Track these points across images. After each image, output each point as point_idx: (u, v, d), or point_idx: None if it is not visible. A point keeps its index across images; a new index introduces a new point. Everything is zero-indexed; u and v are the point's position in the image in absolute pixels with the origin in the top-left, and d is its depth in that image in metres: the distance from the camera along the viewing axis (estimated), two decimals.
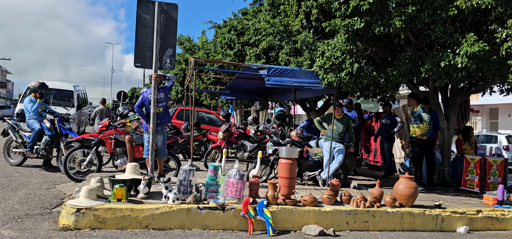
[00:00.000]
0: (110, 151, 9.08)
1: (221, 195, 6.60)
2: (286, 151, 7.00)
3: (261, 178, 9.80)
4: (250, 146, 12.39)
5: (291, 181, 6.93)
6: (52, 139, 9.87)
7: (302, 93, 11.60)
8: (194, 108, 9.62)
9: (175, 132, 13.93)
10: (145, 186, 6.46)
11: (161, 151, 7.96)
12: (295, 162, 7.01)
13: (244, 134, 12.62)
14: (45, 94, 15.77)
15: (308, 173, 9.69)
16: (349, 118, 9.61)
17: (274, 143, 9.64)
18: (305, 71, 9.09)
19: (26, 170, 9.92)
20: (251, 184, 6.72)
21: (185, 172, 6.59)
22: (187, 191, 6.57)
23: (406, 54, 8.51)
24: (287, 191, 6.91)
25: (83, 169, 9.00)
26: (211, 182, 6.75)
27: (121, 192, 6.16)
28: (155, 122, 7.62)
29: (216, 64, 16.41)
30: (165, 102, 7.81)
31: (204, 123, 16.40)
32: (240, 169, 6.63)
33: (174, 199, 6.23)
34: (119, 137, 9.04)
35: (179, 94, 27.45)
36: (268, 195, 6.65)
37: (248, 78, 13.20)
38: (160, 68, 7.74)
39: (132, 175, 6.64)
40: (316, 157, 9.67)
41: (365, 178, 11.28)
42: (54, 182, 8.84)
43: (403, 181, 7.21)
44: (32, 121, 9.95)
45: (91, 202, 5.94)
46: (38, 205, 6.87)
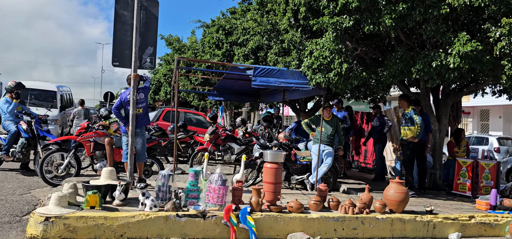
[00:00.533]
0: (89, 154, 8.70)
1: (202, 201, 6.26)
2: (271, 154, 6.67)
3: (248, 181, 9.48)
4: (238, 148, 12.05)
5: (276, 186, 6.60)
6: (29, 141, 9.46)
7: (290, 94, 11.29)
8: (177, 109, 9.27)
9: (161, 134, 13.56)
10: (121, 192, 6.10)
11: (141, 154, 7.60)
12: (280, 166, 6.69)
13: (232, 136, 12.28)
14: (21, 95, 15.47)
15: (296, 177, 9.37)
16: (339, 120, 9.30)
17: (260, 145, 9.31)
18: (293, 72, 8.77)
19: (1, 174, 9.50)
20: (234, 189, 6.38)
21: (164, 177, 6.24)
22: (166, 197, 6.22)
23: (396, 54, 8.21)
24: (272, 197, 6.58)
25: (61, 173, 8.62)
26: (191, 187, 6.41)
27: (94, 199, 5.79)
28: (134, 124, 7.25)
29: (204, 65, 16.06)
30: (144, 103, 7.45)
31: (192, 125, 16.03)
32: (222, 174, 6.29)
33: (151, 206, 5.87)
34: (98, 139, 8.66)
35: (168, 96, 27.01)
36: (252, 202, 6.32)
37: (236, 79, 12.86)
38: (140, 67, 7.38)
39: (108, 180, 6.28)
40: (305, 160, 9.35)
41: (355, 181, 10.98)
42: (30, 187, 8.44)
43: (393, 185, 6.91)
44: (8, 122, 9.54)
45: (61, 210, 5.57)
46: (7, 212, 6.48)
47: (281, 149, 9.25)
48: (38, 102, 15.22)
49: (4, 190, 8.04)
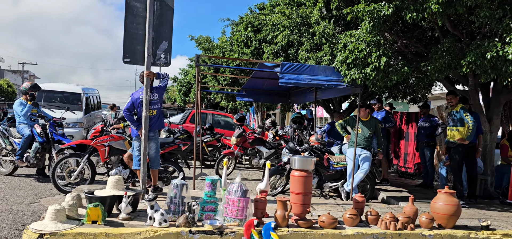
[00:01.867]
0: (103, 159, 8.07)
1: (220, 214, 5.47)
2: (299, 161, 5.81)
3: (276, 189, 8.65)
4: (267, 152, 11.24)
5: (305, 197, 5.73)
6: (43, 145, 8.92)
7: (323, 93, 10.37)
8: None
9: (187, 137, 12.91)
10: (127, 205, 5.37)
11: (154, 161, 6.89)
12: (310, 175, 5.82)
13: (260, 138, 11.47)
14: (47, 97, 15.17)
15: (329, 184, 8.47)
16: (377, 121, 8.34)
17: (289, 149, 8.46)
18: (325, 68, 7.87)
19: (15, 181, 9.01)
20: (257, 201, 5.56)
21: (176, 187, 5.49)
22: (178, 210, 5.47)
23: (443, 45, 7.21)
24: (301, 209, 5.72)
25: (74, 180, 8.02)
26: (208, 199, 5.63)
27: (96, 213, 5.09)
28: (147, 127, 6.55)
29: (233, 63, 15.24)
30: (159, 104, 6.73)
31: (220, 127, 15.33)
32: (243, 184, 5.49)
33: (161, 220, 5.13)
34: (114, 143, 8.02)
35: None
36: (277, 215, 5.48)
37: (265, 78, 12.04)
38: (154, 64, 6.68)
39: (114, 191, 5.58)
40: (339, 165, 8.43)
41: (395, 188, 9.97)
42: (41, 195, 7.88)
43: (442, 196, 5.92)
44: (22, 125, 9.04)
45: (58, 225, 4.89)
46: (7, 225, 5.88)
47: (312, 153, 8.38)
48: (63, 105, 14.85)
49: (13, 198, 7.51)
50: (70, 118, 14.11)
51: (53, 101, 14.86)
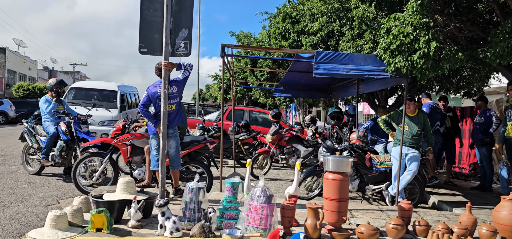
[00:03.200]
0: (126, 159, 7.56)
1: (241, 222, 4.77)
2: (333, 161, 5.01)
3: (313, 192, 7.87)
4: (304, 151, 10.46)
5: (340, 204, 4.94)
6: (68, 144, 8.53)
7: (366, 86, 9.44)
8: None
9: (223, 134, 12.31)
10: (136, 210, 4.77)
11: (174, 161, 6.28)
12: (346, 178, 5.01)
13: (297, 136, 10.70)
14: (84, 95, 14.99)
15: (372, 187, 7.59)
16: (426, 116, 7.38)
17: (326, 148, 7.65)
18: (366, 56, 7.00)
19: (41, 180, 8.68)
20: (283, 208, 4.82)
21: (191, 190, 4.84)
22: (194, 217, 4.81)
23: (505, 27, 6.19)
24: (336, 218, 4.94)
25: (96, 181, 7.56)
26: (228, 204, 4.95)
27: (101, 220, 4.52)
28: (166, 124, 5.94)
29: (268, 53, 14.44)
30: (178, 98, 6.11)
31: (257, 124, 14.64)
32: (267, 188, 4.76)
33: (172, 229, 4.49)
34: (136, 142, 7.49)
35: (238, 94, 25.91)
36: (307, 225, 4.73)
37: (303, 72, 11.24)
38: (173, 54, 6.05)
39: (123, 194, 4.99)
40: (383, 166, 7.54)
41: (448, 192, 8.93)
42: (62, 196, 7.46)
43: (508, 205, 4.96)
44: (48, 123, 8.70)
45: (57, 233, 4.35)
46: (16, 230, 5.42)
47: (352, 152, 7.53)
48: (98, 103, 14.64)
49: (33, 199, 7.11)
50: (104, 116, 13.85)
51: (89, 99, 14.68)
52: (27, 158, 9.29)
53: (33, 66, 57.53)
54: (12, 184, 8.20)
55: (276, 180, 10.52)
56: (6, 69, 48.33)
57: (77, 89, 15.25)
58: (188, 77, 6.24)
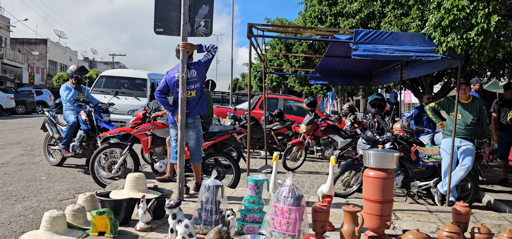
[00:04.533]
0: (146, 150, 7.01)
1: (265, 227, 4.08)
2: (376, 156, 4.24)
3: (351, 188, 7.10)
4: (342, 142, 9.65)
5: (384, 206, 4.17)
6: (89, 133, 8.06)
7: (411, 71, 8.52)
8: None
9: (254, 124, 11.68)
10: (145, 211, 4.16)
11: (194, 154, 5.64)
12: (391, 175, 4.23)
13: (334, 126, 9.89)
14: (113, 84, 14.61)
15: (418, 183, 6.74)
16: (482, 103, 6.45)
17: (366, 139, 6.84)
18: (412, 35, 6.14)
19: (61, 172, 8.28)
20: (316, 211, 4.09)
21: (208, 189, 4.18)
22: (210, 220, 4.16)
23: None
24: (378, 222, 4.17)
25: (115, 173, 7.05)
26: (250, 206, 4.27)
27: (103, 222, 3.93)
28: (184, 112, 5.31)
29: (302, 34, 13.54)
30: (199, 83, 5.46)
31: (292, 113, 13.88)
32: (296, 188, 4.04)
33: (185, 234, 3.85)
34: (157, 132, 6.92)
35: (274, 82, 25.10)
36: (343, 231, 3.98)
37: (341, 57, 10.40)
38: (192, 34, 5.41)
39: (132, 192, 4.39)
40: (431, 160, 6.67)
41: (505, 188, 7.94)
42: (79, 190, 6.99)
43: None
44: (68, 112, 8.25)
45: (53, 237, 3.79)
46: (19, 229, 4.94)
47: (395, 144, 6.70)
48: (128, 91, 14.24)
49: (48, 192, 6.67)
50: (134, 104, 13.43)
51: (119, 87, 14.30)
52: (48, 148, 8.91)
53: (74, 56, 58.60)
54: (31, 175, 7.82)
55: (311, 173, 9.77)
56: (47, 59, 49.39)
57: (107, 78, 14.93)
58: (210, 61, 5.56)
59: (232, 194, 6.09)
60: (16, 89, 31.46)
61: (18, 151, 10.68)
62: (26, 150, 10.90)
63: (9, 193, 6.48)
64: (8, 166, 8.60)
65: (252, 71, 28.45)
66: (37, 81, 46.03)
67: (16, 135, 14.18)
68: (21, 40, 48.15)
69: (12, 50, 41.33)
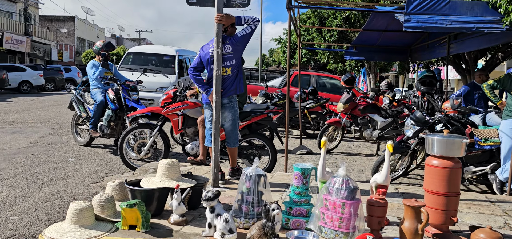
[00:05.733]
0: (177, 131, 6.60)
1: (314, 222, 3.61)
2: (441, 143, 3.69)
3: (396, 172, 6.56)
4: (382, 121, 9.05)
5: (450, 200, 3.64)
6: (117, 113, 7.71)
7: (460, 45, 7.84)
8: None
9: (285, 103, 11.15)
10: (180, 203, 3.74)
11: (230, 137, 5.19)
12: (458, 165, 3.68)
13: (373, 105, 9.29)
14: (142, 61, 14.25)
15: (472, 169, 6.14)
16: None
17: (416, 120, 6.25)
18: (473, 4, 5.49)
19: (89, 153, 7.98)
20: (371, 205, 3.59)
21: (249, 178, 3.72)
22: (252, 213, 3.71)
23: None
24: (442, 218, 3.65)
25: (145, 156, 6.68)
26: (296, 197, 3.79)
27: (134, 215, 3.53)
28: (219, 91, 4.84)
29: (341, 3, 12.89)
30: (235, 60, 4.97)
31: (326, 91, 13.29)
32: (350, 179, 3.54)
33: (224, 230, 3.42)
34: (189, 112, 6.50)
35: (303, 58, 24.33)
36: (404, 228, 3.48)
37: (381, 31, 9.77)
38: (227, 4, 4.91)
39: (165, 181, 3.96)
40: (487, 143, 6.04)
41: None
42: (108, 172, 6.66)
43: None
44: (95, 90, 7.91)
45: (79, 231, 3.41)
46: (45, 217, 4.61)
47: (448, 126, 6.10)
48: (155, 68, 13.88)
49: (76, 175, 6.36)
50: (162, 82, 13.10)
51: (147, 64, 13.95)
52: (76, 128, 8.63)
53: (101, 33, 58.84)
54: (59, 156, 7.54)
55: (348, 154, 9.26)
56: (75, 37, 49.67)
57: (135, 54, 14.59)
58: (250, 36, 5.04)
59: (270, 179, 5.63)
60: (45, 66, 31.63)
61: (46, 129, 10.48)
62: (54, 128, 10.69)
63: (36, 176, 6.19)
64: (36, 145, 8.36)
65: (281, 47, 27.75)
66: (65, 58, 46.40)
67: (45, 113, 14.05)
68: (50, 17, 48.46)
69: (41, 28, 41.60)
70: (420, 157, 6.79)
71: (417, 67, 15.39)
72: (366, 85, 19.53)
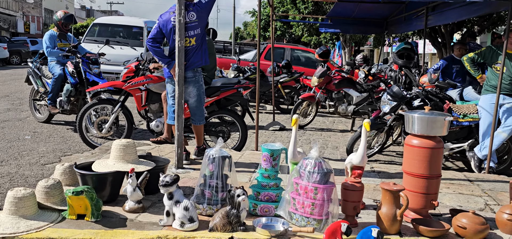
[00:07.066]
0: (140, 107, 6.16)
1: (283, 208, 3.28)
2: (422, 121, 3.38)
3: (371, 149, 6.31)
4: (357, 96, 8.78)
5: (430, 183, 3.36)
6: (77, 87, 7.20)
7: (439, 17, 7.55)
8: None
9: (260, 76, 10.75)
10: (135, 188, 3.35)
11: (195, 113, 4.81)
12: (440, 144, 3.39)
13: (349, 79, 9.00)
14: (107, 32, 13.58)
15: (450, 145, 5.93)
16: None
17: (393, 95, 5.97)
18: None
19: (48, 130, 7.48)
20: (346, 189, 3.28)
21: (212, 161, 3.35)
22: (216, 199, 3.36)
23: None
24: (422, 202, 3.38)
25: (106, 133, 6.23)
26: (264, 181, 3.45)
27: (83, 204, 3.13)
28: (182, 64, 4.42)
29: None
30: (199, 29, 4.55)
31: (300, 65, 12.95)
32: (323, 162, 3.21)
33: (183, 219, 3.06)
34: (153, 86, 6.05)
35: (278, 31, 23.89)
36: (381, 214, 3.18)
37: (357, 2, 9.39)
38: None
39: (119, 164, 3.55)
40: (466, 119, 5.81)
41: None
42: (67, 151, 6.20)
43: None
44: (53, 63, 7.37)
45: (19, 222, 3.00)
46: None
47: (426, 101, 5.85)
48: (123, 40, 13.26)
49: (31, 154, 5.88)
50: (130, 55, 12.48)
51: (114, 36, 13.31)
52: (34, 103, 8.08)
53: (70, 5, 56.87)
54: (15, 134, 7.02)
55: (322, 130, 8.98)
56: (43, 8, 47.89)
57: (101, 26, 13.91)
58: (213, 2, 4.63)
59: (239, 158, 5.28)
60: (10, 38, 30.33)
61: (4, 105, 9.87)
62: (14, 104, 10.08)
63: None
64: None
65: (255, 20, 27.16)
66: (33, 30, 44.74)
67: (6, 87, 13.34)
68: None
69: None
70: (396, 133, 6.54)
71: (392, 41, 15.18)
72: (341, 59, 19.27)
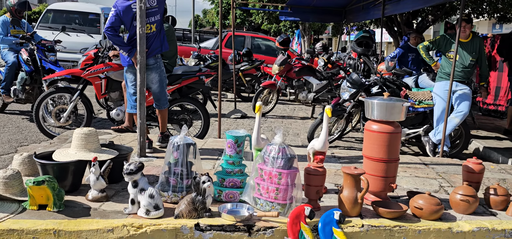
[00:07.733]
0: (100, 96, 6.05)
1: (248, 193, 3.32)
2: (381, 106, 3.49)
3: (332, 135, 6.46)
4: (317, 84, 8.93)
5: (388, 166, 3.49)
6: (33, 75, 6.98)
7: (396, 6, 7.76)
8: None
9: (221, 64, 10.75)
10: (98, 177, 3.31)
11: (159, 98, 4.79)
12: (398, 129, 3.52)
13: (309, 67, 9.13)
14: (62, 19, 13.17)
15: (406, 131, 6.16)
16: (482, 42, 5.80)
17: (352, 82, 6.12)
18: None
19: (3, 119, 7.24)
20: (309, 174, 3.36)
21: (177, 148, 3.35)
22: (181, 187, 3.37)
23: None
24: (382, 185, 3.51)
25: (65, 123, 6.08)
26: (229, 167, 3.48)
27: (44, 193, 3.07)
28: (143, 51, 4.37)
29: None
30: (159, 15, 4.51)
31: (260, 53, 13.01)
32: (287, 147, 3.28)
33: (149, 207, 3.06)
34: (113, 74, 5.95)
35: (238, 19, 23.83)
36: (342, 197, 3.29)
37: None
38: None
39: (81, 153, 3.49)
40: (421, 105, 6.04)
41: (490, 134, 7.52)
42: (22, 142, 6.02)
43: None
44: (6, 51, 7.10)
45: None
46: None
47: (384, 88, 6.04)
48: (79, 27, 12.88)
49: None
50: (87, 42, 12.18)
51: (69, 23, 12.90)
52: None
53: None
54: None
55: (283, 117, 9.09)
56: None
57: (56, 12, 13.45)
58: None
59: (202, 146, 5.29)
60: None
61: None
62: None
63: None
64: None
65: (215, 7, 26.98)
66: None
67: None
68: None
69: None
70: (356, 119, 6.73)
71: (350, 29, 15.47)
72: (301, 47, 19.47)
